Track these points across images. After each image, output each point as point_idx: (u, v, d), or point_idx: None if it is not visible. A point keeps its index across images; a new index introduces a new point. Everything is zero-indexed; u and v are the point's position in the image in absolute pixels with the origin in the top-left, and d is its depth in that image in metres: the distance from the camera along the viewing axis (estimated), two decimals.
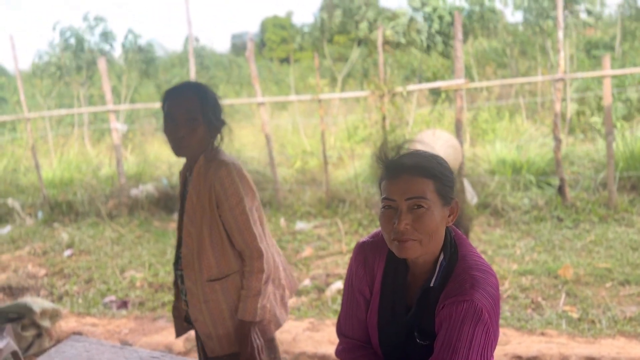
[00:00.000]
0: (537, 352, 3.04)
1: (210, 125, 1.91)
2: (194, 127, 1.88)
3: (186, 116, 1.87)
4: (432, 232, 1.29)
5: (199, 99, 1.89)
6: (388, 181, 1.32)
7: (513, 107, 8.61)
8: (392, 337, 1.43)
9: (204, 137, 1.90)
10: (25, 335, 3.53)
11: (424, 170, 1.30)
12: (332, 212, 6.24)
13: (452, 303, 1.28)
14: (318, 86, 6.42)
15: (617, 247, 4.60)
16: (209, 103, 1.90)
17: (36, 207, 7.42)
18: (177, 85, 1.95)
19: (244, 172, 1.89)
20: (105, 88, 6.99)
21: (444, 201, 1.32)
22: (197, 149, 1.92)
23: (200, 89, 1.92)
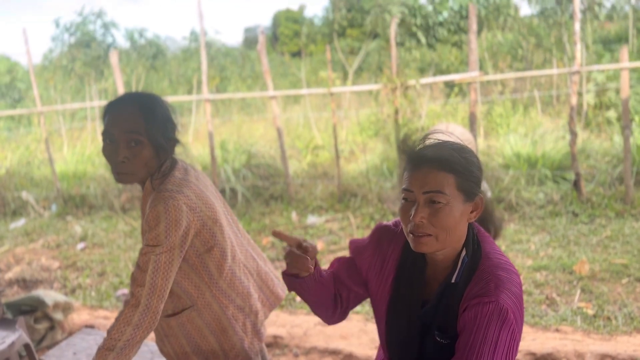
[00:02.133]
0: (551, 349, 2.99)
1: (158, 147, 1.65)
2: (137, 150, 1.63)
3: (128, 137, 1.61)
4: (449, 228, 1.25)
5: (143, 116, 1.63)
6: (408, 172, 1.29)
7: (528, 100, 8.50)
8: (401, 331, 1.41)
9: (149, 161, 1.65)
10: (38, 327, 3.55)
11: (446, 163, 1.25)
12: (343, 206, 6.21)
13: (477, 304, 1.25)
14: (330, 79, 6.38)
15: (634, 242, 4.52)
16: (157, 120, 1.64)
17: (50, 200, 7.48)
18: (119, 97, 1.69)
19: (177, 211, 1.58)
20: (117, 82, 7.01)
21: (466, 197, 1.27)
22: (142, 174, 1.67)
23: (146, 103, 1.66)
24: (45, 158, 8.44)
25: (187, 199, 1.62)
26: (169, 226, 1.57)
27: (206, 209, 1.67)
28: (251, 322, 1.79)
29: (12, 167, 8.33)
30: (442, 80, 6.40)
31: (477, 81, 5.66)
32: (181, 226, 1.59)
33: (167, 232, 1.57)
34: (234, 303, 1.75)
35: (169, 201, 1.57)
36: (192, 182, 1.69)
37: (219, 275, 1.71)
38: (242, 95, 7.44)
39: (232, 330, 1.74)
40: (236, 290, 1.75)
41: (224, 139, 7.96)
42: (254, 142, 7.88)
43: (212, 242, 1.69)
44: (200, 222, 1.64)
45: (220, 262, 1.71)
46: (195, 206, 1.63)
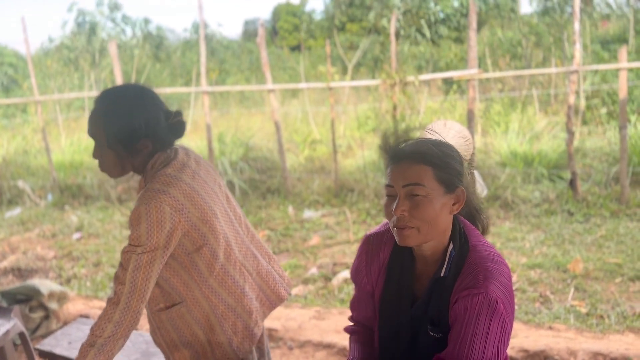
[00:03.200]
0: (544, 346, 3.01)
1: (122, 149, 1.62)
2: (101, 152, 1.64)
3: (93, 138, 1.64)
4: (430, 220, 1.28)
5: (102, 119, 1.61)
6: (389, 168, 1.32)
7: (526, 99, 8.51)
8: (393, 327, 1.43)
9: (114, 161, 1.64)
10: (33, 316, 3.55)
11: (422, 156, 1.28)
12: (340, 201, 6.22)
13: (467, 296, 1.26)
14: (329, 73, 6.37)
15: (628, 242, 4.54)
16: (118, 119, 1.60)
17: (46, 189, 7.47)
18: (96, 96, 1.66)
19: (160, 214, 1.55)
20: (116, 72, 6.98)
21: (446, 188, 1.29)
22: (117, 172, 1.67)
23: (108, 103, 1.62)
24: (42, 147, 8.42)
25: (173, 199, 1.58)
26: (151, 227, 1.54)
27: (194, 209, 1.63)
28: (243, 322, 1.76)
29: (9, 156, 8.31)
30: (441, 77, 6.40)
31: (475, 78, 5.66)
32: (164, 227, 1.56)
33: (148, 234, 1.54)
34: (225, 302, 1.73)
35: (151, 202, 1.55)
36: (184, 180, 1.64)
37: (209, 273, 1.69)
38: (241, 88, 7.42)
39: (221, 329, 1.73)
40: (228, 290, 1.73)
41: (222, 132, 7.95)
42: (251, 135, 7.87)
43: (201, 242, 1.66)
44: (187, 222, 1.61)
45: (210, 261, 1.68)
46: (182, 207, 1.60)
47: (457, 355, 1.26)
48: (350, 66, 9.48)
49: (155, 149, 1.67)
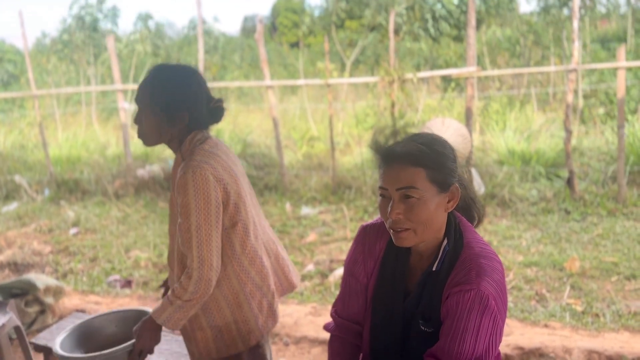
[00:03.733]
0: (539, 343, 3.02)
1: (162, 118, 1.72)
2: (142, 118, 1.75)
3: (139, 104, 1.76)
4: (426, 221, 1.28)
5: (150, 88, 1.73)
6: (381, 169, 1.32)
7: (524, 97, 8.52)
8: (385, 321, 1.42)
9: (154, 128, 1.74)
10: (29, 311, 3.55)
11: (414, 158, 1.27)
12: (337, 198, 6.21)
13: (459, 292, 1.27)
14: (327, 70, 6.36)
15: (625, 241, 4.55)
16: (164, 90, 1.71)
17: (43, 184, 7.45)
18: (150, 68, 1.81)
19: (205, 181, 1.64)
20: (113, 67, 6.97)
21: (439, 188, 1.29)
22: (156, 140, 1.78)
23: (156, 74, 1.75)
24: (39, 142, 8.40)
25: (214, 169, 1.67)
26: (197, 193, 1.63)
27: (232, 182, 1.72)
28: (268, 301, 1.83)
29: (6, 150, 8.28)
30: (439, 74, 6.40)
31: (474, 76, 5.66)
32: (211, 194, 1.65)
33: (196, 200, 1.63)
34: (253, 281, 1.79)
35: (196, 170, 1.64)
36: (221, 156, 1.75)
37: (242, 251, 1.76)
38: (239, 84, 7.41)
39: (248, 306, 1.78)
40: (256, 269, 1.80)
41: (220, 128, 7.94)
42: (249, 131, 7.87)
43: (237, 218, 1.74)
44: (225, 194, 1.70)
45: (243, 238, 1.76)
46: (222, 178, 1.69)
47: (447, 350, 1.26)
48: (348, 63, 9.47)
49: (192, 126, 1.76)
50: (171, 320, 1.71)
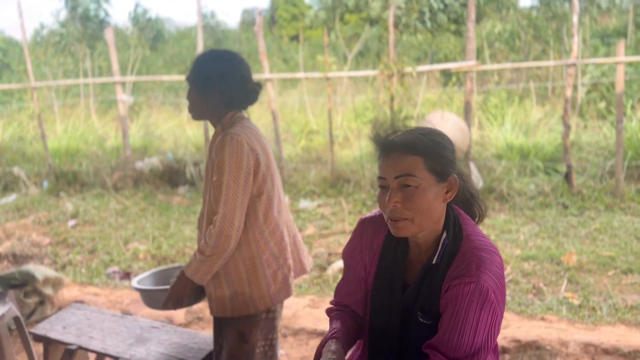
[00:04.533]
0: (536, 336, 3.03)
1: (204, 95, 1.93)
2: (190, 94, 1.96)
3: (188, 83, 1.97)
4: (424, 210, 1.28)
5: (195, 68, 1.94)
6: (380, 160, 1.33)
7: (523, 91, 8.51)
8: (384, 314, 1.43)
9: (197, 103, 1.95)
10: (28, 302, 3.56)
11: (412, 147, 1.29)
12: (336, 192, 6.22)
13: (459, 284, 1.27)
14: (327, 64, 6.35)
15: (622, 235, 4.57)
16: (201, 69, 1.93)
17: (42, 176, 7.44)
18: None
19: (240, 146, 1.84)
20: (112, 59, 6.95)
21: (438, 177, 1.30)
22: (198, 114, 1.98)
23: (204, 58, 1.96)
24: (37, 134, 8.38)
25: (249, 139, 1.87)
26: (232, 156, 1.83)
27: (264, 155, 1.91)
28: (283, 274, 1.97)
29: (4, 142, 8.27)
30: (439, 68, 6.39)
31: (473, 70, 5.66)
32: (243, 159, 1.84)
33: (230, 162, 1.82)
34: (271, 251, 1.94)
35: (233, 137, 1.84)
36: (257, 133, 1.96)
37: (264, 221, 1.92)
38: None
39: (262, 273, 1.93)
40: (276, 240, 1.95)
41: None
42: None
43: (263, 188, 1.91)
44: (256, 163, 1.88)
45: (267, 209, 1.93)
46: (255, 148, 1.88)
47: (446, 341, 1.27)
48: (350, 57, 9.45)
49: (227, 104, 1.94)
50: (197, 274, 1.88)
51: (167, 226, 5.54)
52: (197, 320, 3.57)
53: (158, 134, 8.24)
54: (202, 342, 2.29)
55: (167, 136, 8.20)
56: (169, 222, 5.64)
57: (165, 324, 2.48)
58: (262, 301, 1.93)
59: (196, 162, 7.09)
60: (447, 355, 1.27)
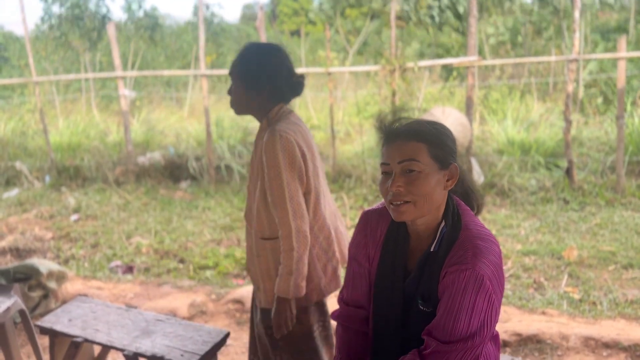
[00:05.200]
0: (537, 330, 3.06)
1: (250, 89, 1.92)
2: (234, 90, 1.96)
3: (231, 77, 1.96)
4: (426, 194, 1.31)
5: (239, 61, 1.95)
6: (384, 147, 1.36)
7: (524, 87, 8.52)
8: (387, 302, 1.46)
9: (243, 99, 1.95)
10: (32, 295, 3.58)
11: (417, 134, 1.33)
12: (337, 187, 6.24)
13: (455, 271, 1.30)
14: (328, 58, 6.36)
15: (622, 231, 4.59)
16: (249, 65, 1.92)
17: (44, 171, 7.46)
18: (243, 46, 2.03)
19: (290, 144, 1.85)
20: (114, 54, 6.95)
21: (440, 165, 1.33)
22: (243, 109, 1.98)
23: (245, 51, 1.96)
24: (39, 128, 8.39)
25: (297, 136, 1.89)
26: (285, 154, 1.84)
27: (309, 153, 1.93)
28: (332, 266, 2.02)
29: (6, 137, 8.27)
30: (440, 63, 6.40)
31: (475, 66, 5.66)
32: (296, 155, 1.86)
33: (284, 160, 1.84)
34: (321, 245, 1.98)
35: (282, 134, 1.85)
36: (302, 127, 1.97)
37: (314, 217, 1.95)
38: None
39: (314, 267, 1.96)
40: (324, 235, 1.99)
41: (220, 116, 7.93)
42: (249, 119, 7.86)
43: (311, 186, 1.93)
44: (304, 161, 1.90)
45: (315, 206, 1.95)
46: (301, 146, 1.89)
47: (443, 326, 1.30)
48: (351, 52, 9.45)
49: (274, 98, 1.94)
50: (295, 289, 1.87)
51: (169, 221, 5.56)
52: (201, 314, 3.60)
53: (160, 129, 8.25)
54: (206, 335, 2.31)
55: (168, 131, 8.21)
56: (171, 217, 5.66)
57: (170, 317, 2.51)
58: (315, 294, 1.97)
59: (198, 157, 7.10)
60: (442, 339, 1.30)
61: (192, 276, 4.23)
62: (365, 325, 1.57)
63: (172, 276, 4.25)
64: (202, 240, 4.95)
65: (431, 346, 1.32)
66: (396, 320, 1.44)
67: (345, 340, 1.57)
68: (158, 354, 2.18)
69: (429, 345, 1.33)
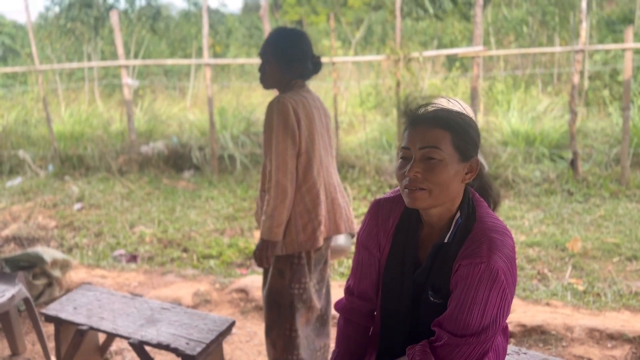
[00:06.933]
0: (541, 321, 3.06)
1: (278, 66, 2.19)
2: (267, 67, 2.22)
3: (262, 57, 2.23)
4: (443, 184, 1.29)
5: (274, 43, 2.22)
6: (407, 131, 1.34)
7: (529, 78, 8.47)
8: (396, 292, 1.44)
9: (271, 75, 2.22)
10: (36, 283, 3.59)
11: (442, 121, 1.30)
12: (341, 177, 6.23)
13: (469, 264, 1.28)
14: (332, 48, 6.32)
15: (627, 223, 4.58)
16: (285, 46, 2.20)
17: (47, 159, 7.46)
18: (273, 30, 2.29)
19: (285, 108, 2.09)
20: (117, 43, 6.92)
21: (461, 156, 1.31)
22: (273, 85, 2.25)
23: (278, 35, 2.24)
24: (42, 117, 8.38)
25: (294, 103, 2.13)
26: (279, 116, 2.09)
27: (307, 121, 2.16)
28: (312, 227, 2.20)
29: (9, 126, 8.26)
30: (445, 53, 6.36)
31: (480, 56, 5.62)
32: (289, 118, 2.09)
33: (277, 121, 2.09)
34: (305, 205, 2.18)
35: (280, 99, 2.12)
36: (307, 99, 2.20)
37: (303, 179, 2.17)
38: (243, 61, 7.37)
39: (294, 222, 2.18)
40: (311, 196, 2.19)
41: (223, 106, 7.91)
42: (252, 109, 7.83)
43: (302, 149, 2.15)
44: (298, 125, 2.12)
45: (306, 169, 2.17)
46: (298, 112, 2.13)
47: (454, 319, 1.29)
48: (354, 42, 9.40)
49: (300, 75, 2.23)
50: (270, 232, 2.14)
51: (172, 210, 5.56)
52: (205, 303, 3.60)
53: (163, 119, 8.23)
54: (212, 323, 2.31)
55: (171, 121, 8.19)
56: (175, 206, 5.66)
57: (176, 306, 2.51)
58: (291, 246, 2.20)
59: (201, 147, 7.09)
60: (454, 332, 1.29)
61: (196, 265, 4.23)
62: (368, 320, 1.56)
63: (176, 265, 4.26)
64: (206, 230, 4.95)
65: (442, 338, 1.30)
66: (406, 311, 1.43)
67: (346, 334, 1.56)
68: (163, 342, 2.18)
69: (440, 337, 1.31)
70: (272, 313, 2.28)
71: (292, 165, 2.12)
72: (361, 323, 1.56)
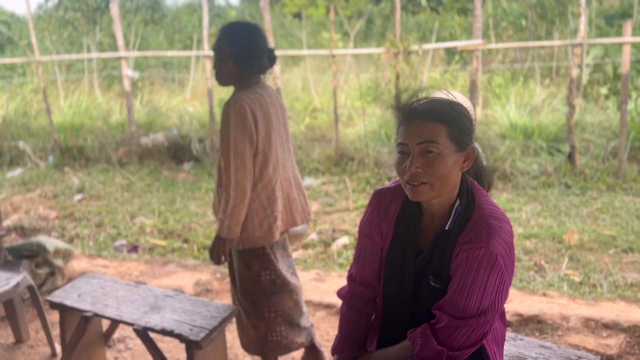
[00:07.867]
0: (538, 311, 3.11)
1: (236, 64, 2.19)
2: (220, 65, 2.22)
3: (217, 53, 2.22)
4: (443, 176, 1.32)
5: (228, 39, 2.20)
6: (402, 126, 1.37)
7: (528, 71, 8.49)
8: (398, 278, 1.48)
9: (233, 72, 2.22)
10: (39, 272, 3.62)
11: (437, 115, 1.33)
12: (340, 170, 6.26)
13: (469, 249, 1.32)
14: (332, 40, 6.33)
15: (623, 215, 4.62)
16: (241, 43, 2.19)
17: (47, 151, 7.47)
18: (222, 27, 2.27)
19: (242, 109, 2.12)
20: (117, 34, 6.92)
21: (458, 146, 1.35)
22: (230, 82, 2.25)
23: (232, 30, 2.21)
24: (42, 108, 8.38)
25: (251, 102, 2.15)
26: (236, 117, 2.11)
27: (264, 121, 2.18)
28: (268, 223, 2.25)
29: (9, 117, 8.27)
30: (445, 46, 6.38)
31: (480, 49, 5.65)
32: (246, 120, 2.12)
33: (235, 122, 2.11)
34: (261, 202, 2.24)
35: (237, 100, 2.14)
36: (263, 97, 2.22)
37: (259, 176, 2.21)
38: None
39: (251, 219, 2.24)
40: (267, 194, 2.24)
41: (223, 97, 7.92)
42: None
43: (259, 149, 2.18)
44: (256, 124, 2.15)
45: (262, 168, 2.21)
46: (255, 111, 2.15)
47: (455, 303, 1.33)
48: (352, 34, 9.40)
49: (256, 70, 2.23)
50: (228, 230, 2.19)
51: (172, 201, 5.59)
52: (206, 292, 3.64)
53: (162, 110, 8.24)
54: (214, 310, 2.35)
55: (171, 113, 8.21)
56: (175, 198, 5.69)
57: (179, 293, 2.55)
58: (247, 242, 2.26)
59: (201, 139, 7.11)
60: (454, 315, 1.34)
61: (197, 255, 4.27)
62: (370, 307, 1.59)
63: (176, 255, 4.30)
64: (206, 221, 4.99)
65: (443, 321, 1.35)
66: (407, 297, 1.47)
67: (348, 320, 1.60)
68: (167, 328, 2.22)
69: (441, 320, 1.36)
70: (247, 301, 2.35)
71: (251, 165, 2.16)
72: (364, 310, 1.59)
